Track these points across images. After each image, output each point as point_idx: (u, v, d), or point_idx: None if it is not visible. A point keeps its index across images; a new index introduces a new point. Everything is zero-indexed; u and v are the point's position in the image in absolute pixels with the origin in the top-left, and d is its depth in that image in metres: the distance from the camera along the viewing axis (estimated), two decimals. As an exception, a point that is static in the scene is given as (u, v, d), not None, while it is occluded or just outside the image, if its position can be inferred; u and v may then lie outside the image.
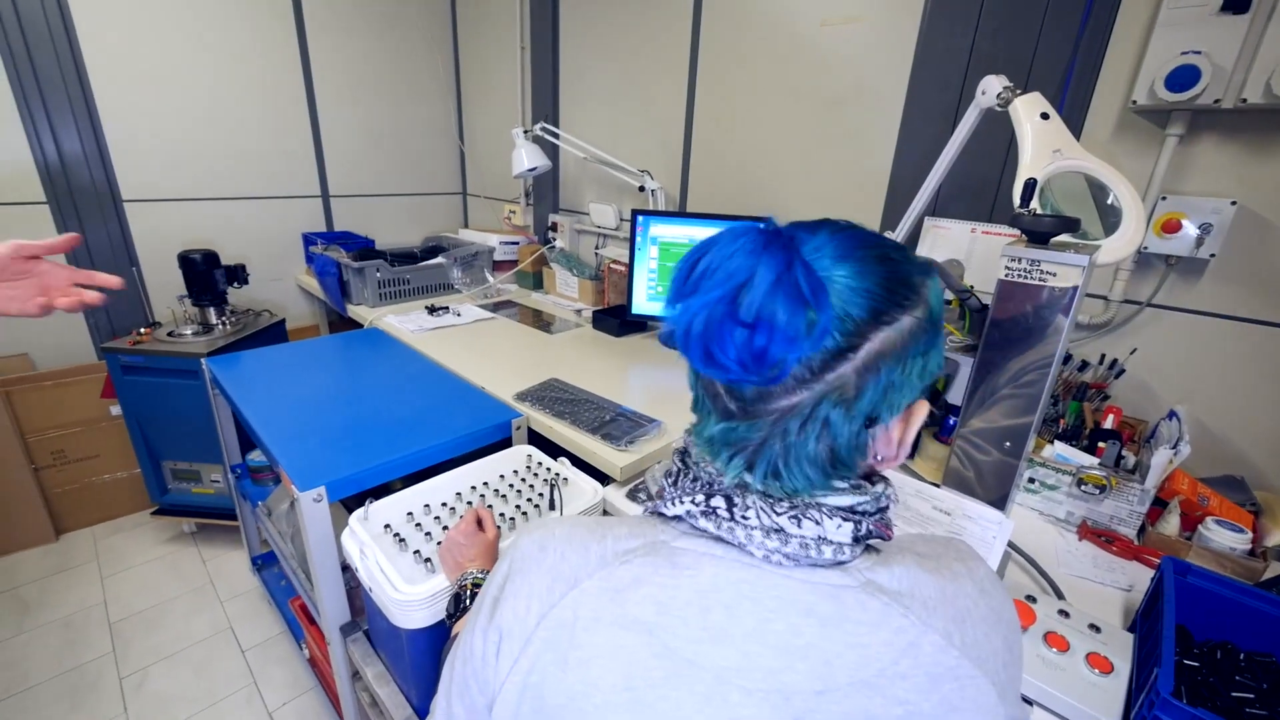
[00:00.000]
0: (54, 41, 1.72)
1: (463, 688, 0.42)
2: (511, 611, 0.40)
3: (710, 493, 0.39)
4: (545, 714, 0.37)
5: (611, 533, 0.41)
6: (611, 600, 0.37)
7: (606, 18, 1.92)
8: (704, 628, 0.36)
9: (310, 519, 0.95)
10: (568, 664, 0.37)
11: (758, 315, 0.32)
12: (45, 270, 0.74)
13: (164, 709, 1.39)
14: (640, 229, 1.63)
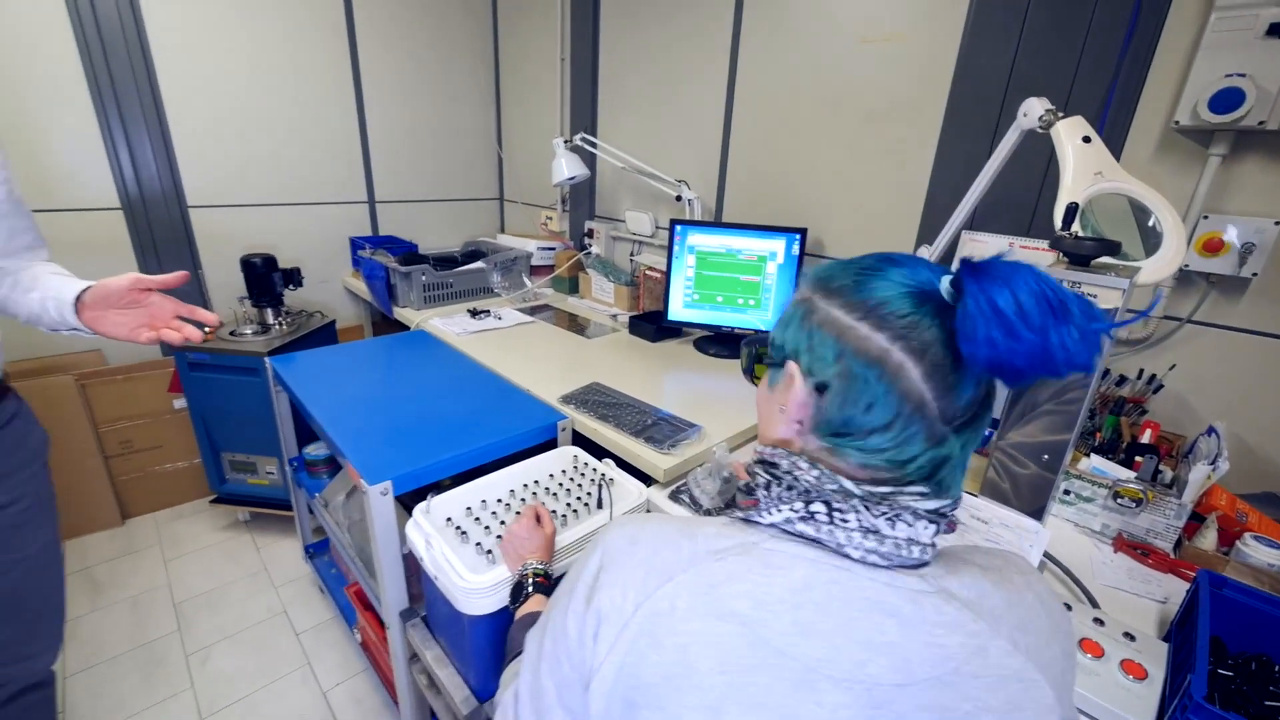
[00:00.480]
0: (130, 58, 1.84)
1: (554, 663, 0.48)
2: (609, 599, 0.44)
3: (809, 500, 0.43)
4: (641, 690, 0.41)
5: (700, 532, 0.45)
6: (707, 594, 0.41)
7: (646, 31, 1.98)
8: (795, 622, 0.40)
9: (377, 511, 1.02)
10: (664, 648, 0.41)
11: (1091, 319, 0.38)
12: (155, 302, 0.83)
13: (226, 686, 1.49)
14: (678, 238, 1.68)
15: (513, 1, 2.51)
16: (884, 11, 1.39)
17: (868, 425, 0.42)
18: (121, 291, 0.82)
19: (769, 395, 0.50)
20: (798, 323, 0.46)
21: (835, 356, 0.43)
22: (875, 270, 0.45)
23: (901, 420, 0.41)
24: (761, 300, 1.65)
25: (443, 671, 0.98)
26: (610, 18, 2.09)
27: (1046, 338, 0.37)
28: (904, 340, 0.41)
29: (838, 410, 0.43)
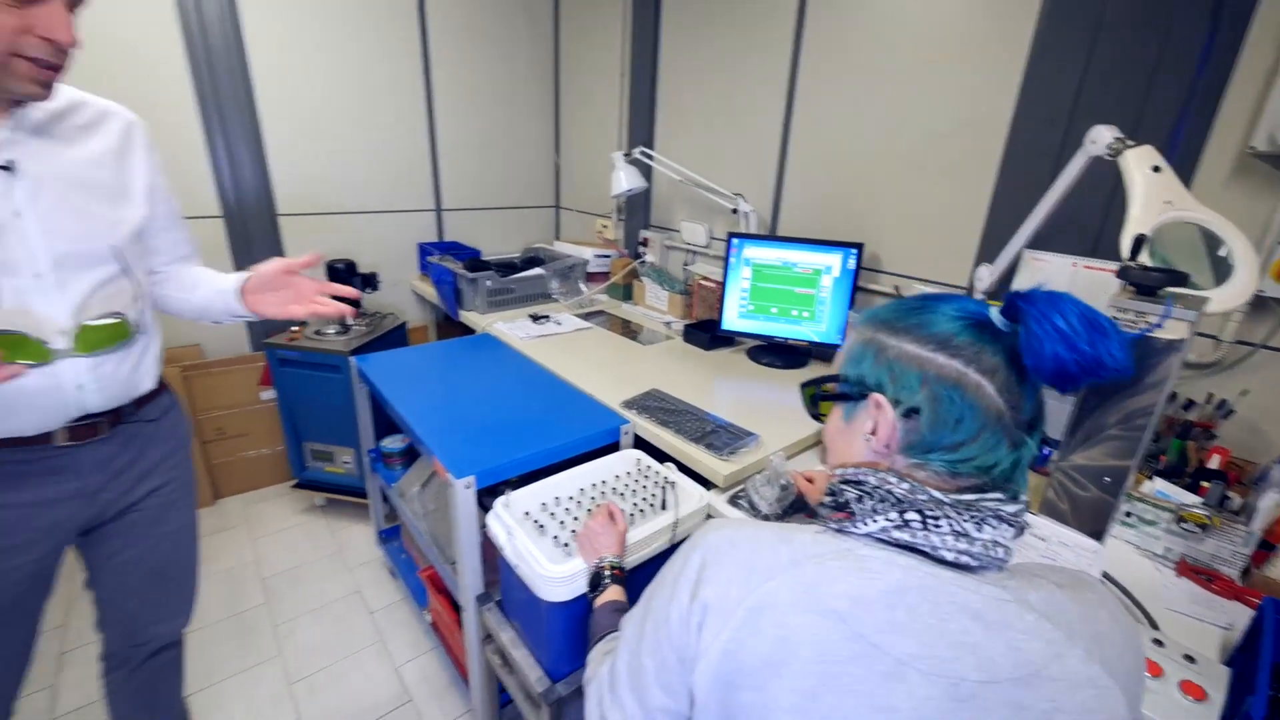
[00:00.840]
0: (233, 80, 2.02)
1: (654, 646, 0.54)
2: (714, 593, 0.50)
3: (903, 510, 0.49)
4: (741, 673, 0.47)
5: (796, 539, 0.51)
6: (807, 592, 0.47)
7: (706, 47, 2.04)
8: (889, 621, 0.45)
9: (461, 504, 1.12)
10: (765, 637, 0.47)
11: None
12: (299, 282, 0.95)
13: (309, 656, 1.63)
14: (735, 250, 1.73)
15: (575, 20, 2.62)
16: (948, 32, 1.41)
17: (957, 438, 0.49)
18: (274, 274, 0.95)
19: (845, 426, 0.57)
20: (872, 360, 0.54)
21: (920, 383, 0.50)
22: (926, 308, 0.54)
23: (988, 430, 0.49)
24: (816, 312, 1.68)
25: (517, 652, 1.07)
26: (671, 35, 2.16)
27: (1096, 349, 0.46)
28: (975, 363, 0.49)
29: (929, 429, 0.50)
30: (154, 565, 1.02)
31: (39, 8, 0.68)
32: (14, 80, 0.70)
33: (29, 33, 0.68)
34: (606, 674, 0.62)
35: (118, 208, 0.86)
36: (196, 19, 1.90)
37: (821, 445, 1.28)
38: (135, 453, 0.93)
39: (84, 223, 0.81)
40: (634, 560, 0.98)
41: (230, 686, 1.52)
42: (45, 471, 0.83)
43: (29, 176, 0.76)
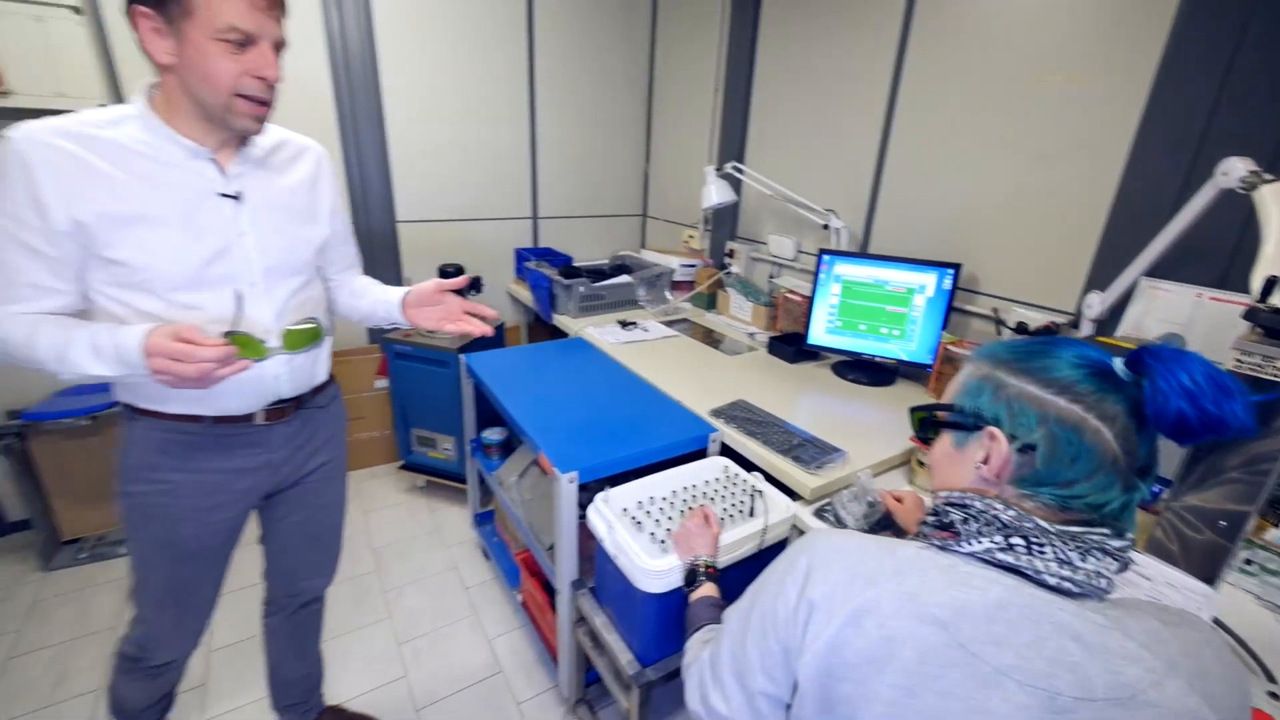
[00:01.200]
0: (368, 99, 2.26)
1: (760, 636, 0.61)
2: (821, 593, 0.56)
3: (1008, 534, 0.53)
4: (843, 666, 0.53)
5: (900, 552, 0.56)
6: (909, 600, 0.52)
7: (802, 62, 2.06)
8: (989, 633, 0.49)
9: (564, 496, 1.23)
10: (867, 636, 0.52)
11: None
12: (451, 300, 1.09)
13: (413, 621, 1.81)
14: (825, 267, 1.75)
15: (671, 37, 2.71)
16: (1067, 52, 1.37)
17: (1072, 476, 0.53)
18: (430, 292, 1.10)
19: (955, 453, 0.62)
20: (990, 396, 0.58)
21: (1038, 422, 0.54)
22: (1048, 352, 0.57)
23: (1102, 471, 0.52)
24: (906, 331, 1.68)
25: (610, 637, 1.16)
26: (767, 51, 2.20)
27: (1221, 409, 0.48)
28: (1096, 410, 0.52)
29: (1044, 464, 0.54)
30: (312, 530, 1.20)
31: (252, 51, 0.83)
32: (235, 117, 0.86)
33: (246, 74, 0.84)
34: (708, 659, 0.69)
35: (309, 227, 1.03)
36: (341, 47, 2.15)
37: (909, 465, 1.30)
38: (309, 433, 1.10)
39: (286, 240, 0.98)
40: (725, 561, 1.05)
41: (349, 641, 1.72)
42: (245, 445, 1.01)
43: (251, 203, 0.94)
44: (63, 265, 0.83)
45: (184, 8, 0.78)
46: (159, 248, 0.86)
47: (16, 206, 0.79)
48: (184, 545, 1.01)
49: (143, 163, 0.85)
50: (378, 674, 1.63)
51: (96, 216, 0.81)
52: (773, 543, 1.15)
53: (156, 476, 0.96)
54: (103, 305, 0.87)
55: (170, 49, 0.81)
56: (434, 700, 1.56)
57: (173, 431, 0.95)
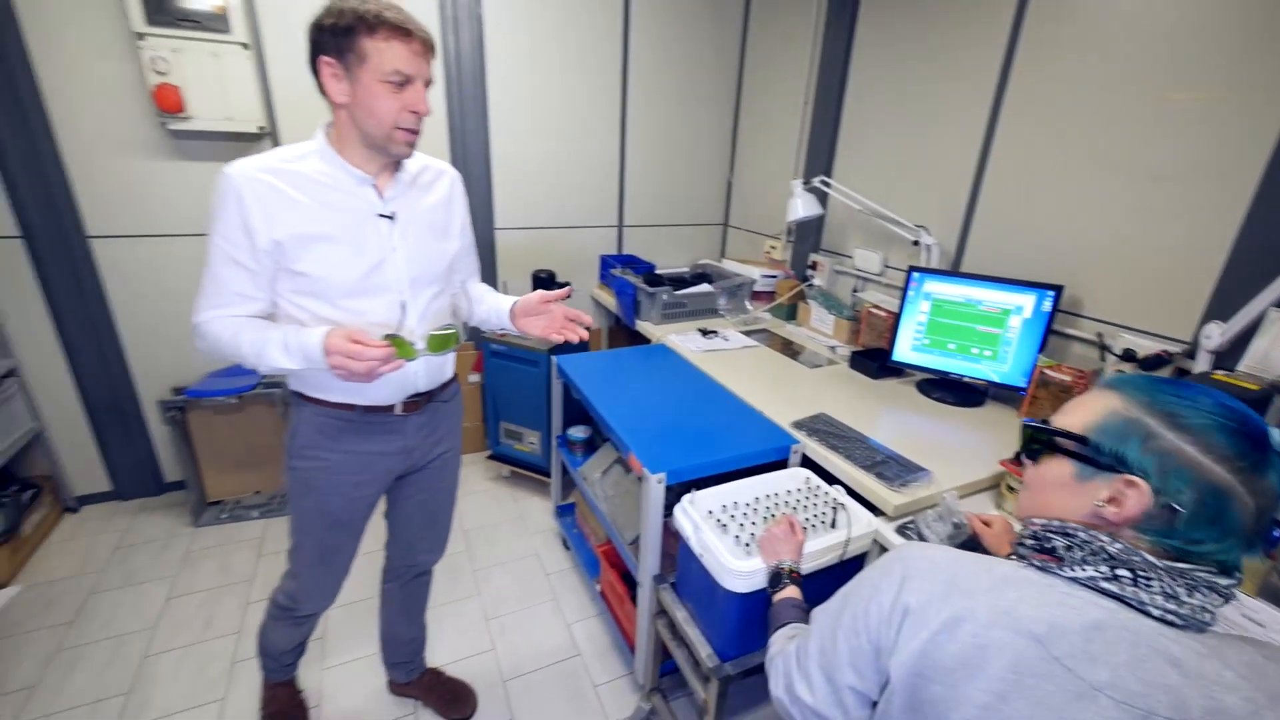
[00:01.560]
0: (477, 117, 2.45)
1: (850, 634, 0.66)
2: (915, 600, 0.60)
3: (1114, 565, 0.55)
4: (934, 669, 0.57)
5: (997, 569, 0.59)
6: (1005, 613, 0.55)
7: (897, 78, 2.05)
8: (1085, 650, 0.51)
9: (652, 496, 1.32)
10: (961, 642, 0.55)
11: None
12: (554, 310, 1.20)
13: (500, 600, 1.96)
14: (915, 284, 1.74)
15: (761, 51, 2.74)
16: (1200, 71, 1.30)
17: (1203, 536, 0.54)
18: (535, 303, 1.21)
19: (1073, 484, 0.61)
20: (1138, 444, 0.56)
21: (1189, 485, 0.53)
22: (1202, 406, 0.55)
23: (1234, 535, 0.54)
24: (999, 352, 1.64)
25: (690, 630, 1.24)
26: (861, 66, 2.20)
27: None
28: (1250, 484, 0.53)
29: (1185, 525, 0.54)
30: (431, 510, 1.35)
31: (409, 90, 0.97)
32: (393, 145, 1.01)
33: (404, 109, 0.98)
34: (794, 651, 0.75)
35: (445, 241, 1.18)
36: (456, 71, 2.35)
37: (999, 489, 1.29)
38: (435, 423, 1.25)
39: (427, 253, 1.13)
40: (807, 569, 1.09)
41: (445, 613, 1.89)
42: (386, 431, 1.17)
43: (401, 222, 1.08)
44: (261, 277, 1.01)
45: (359, 56, 0.93)
46: (333, 261, 1.02)
47: (230, 229, 0.97)
48: (334, 514, 1.18)
49: (322, 190, 1.01)
50: (469, 645, 1.78)
51: (289, 236, 0.98)
52: (854, 555, 1.19)
53: (317, 455, 1.13)
54: (285, 309, 1.05)
55: (345, 90, 0.97)
56: (518, 674, 1.69)
57: (331, 417, 1.12)
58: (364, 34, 0.92)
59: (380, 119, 0.97)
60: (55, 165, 1.95)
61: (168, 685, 1.62)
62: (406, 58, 0.95)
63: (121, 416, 2.29)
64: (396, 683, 1.60)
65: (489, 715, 1.57)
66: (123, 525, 2.26)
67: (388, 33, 0.92)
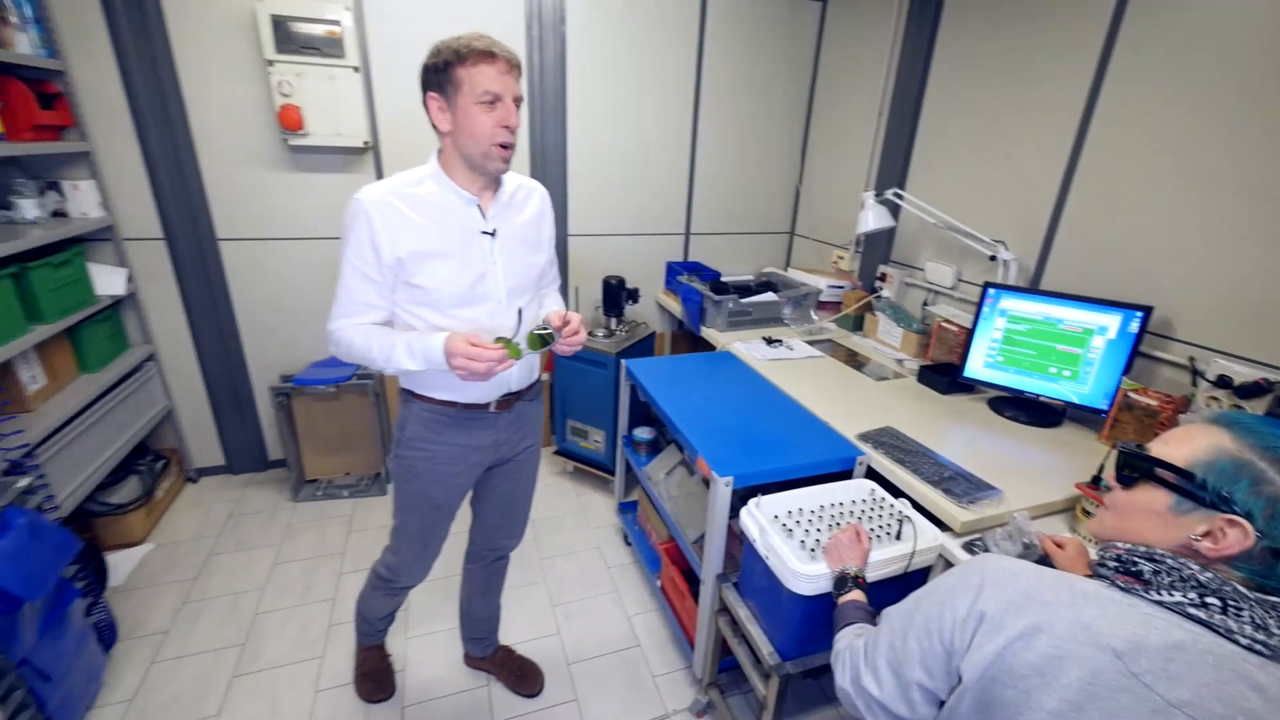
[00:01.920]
0: (556, 129, 2.59)
1: (923, 634, 0.69)
2: (992, 607, 0.63)
3: (1203, 593, 0.56)
4: (1008, 674, 0.59)
5: (1079, 586, 0.61)
6: (1085, 628, 0.57)
7: (980, 88, 2.02)
8: (1165, 669, 0.53)
9: (719, 498, 1.38)
10: (1038, 652, 0.58)
11: None
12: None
13: (565, 588, 2.07)
14: (990, 300, 1.72)
15: (836, 61, 2.75)
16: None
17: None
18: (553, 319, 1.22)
19: (1167, 515, 0.63)
20: (1247, 487, 0.58)
21: None
22: None
23: None
24: (1080, 373, 1.60)
25: (752, 628, 1.29)
26: (940, 77, 2.18)
27: None
28: None
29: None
30: (512, 499, 1.47)
31: (499, 107, 1.08)
32: (492, 162, 1.12)
33: (497, 125, 1.08)
34: (862, 647, 0.80)
35: (536, 254, 1.28)
36: (539, 85, 2.49)
37: (1074, 512, 1.27)
38: (522, 420, 1.36)
39: (522, 265, 1.24)
40: (872, 577, 1.13)
41: (514, 596, 2.01)
42: (480, 426, 1.29)
43: (500, 238, 1.20)
44: (385, 289, 1.14)
45: (455, 85, 1.06)
46: (444, 274, 1.14)
47: (361, 247, 1.11)
48: (435, 499, 1.31)
49: (436, 211, 1.14)
50: (536, 628, 1.90)
51: (409, 253, 1.11)
52: (918, 568, 1.21)
53: (423, 446, 1.26)
54: (402, 318, 1.18)
55: (449, 119, 1.09)
56: (581, 659, 1.79)
57: (435, 413, 1.25)
58: (457, 65, 1.04)
59: (478, 138, 1.08)
60: (195, 176, 2.22)
61: (275, 641, 1.82)
62: (494, 77, 1.05)
63: (236, 399, 2.56)
64: (472, 656, 1.74)
65: (554, 694, 1.68)
66: (234, 496, 2.53)
67: (476, 58, 1.04)
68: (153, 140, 2.12)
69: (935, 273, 2.19)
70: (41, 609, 1.42)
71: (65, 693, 1.47)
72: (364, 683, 1.64)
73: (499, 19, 2.35)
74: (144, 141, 2.12)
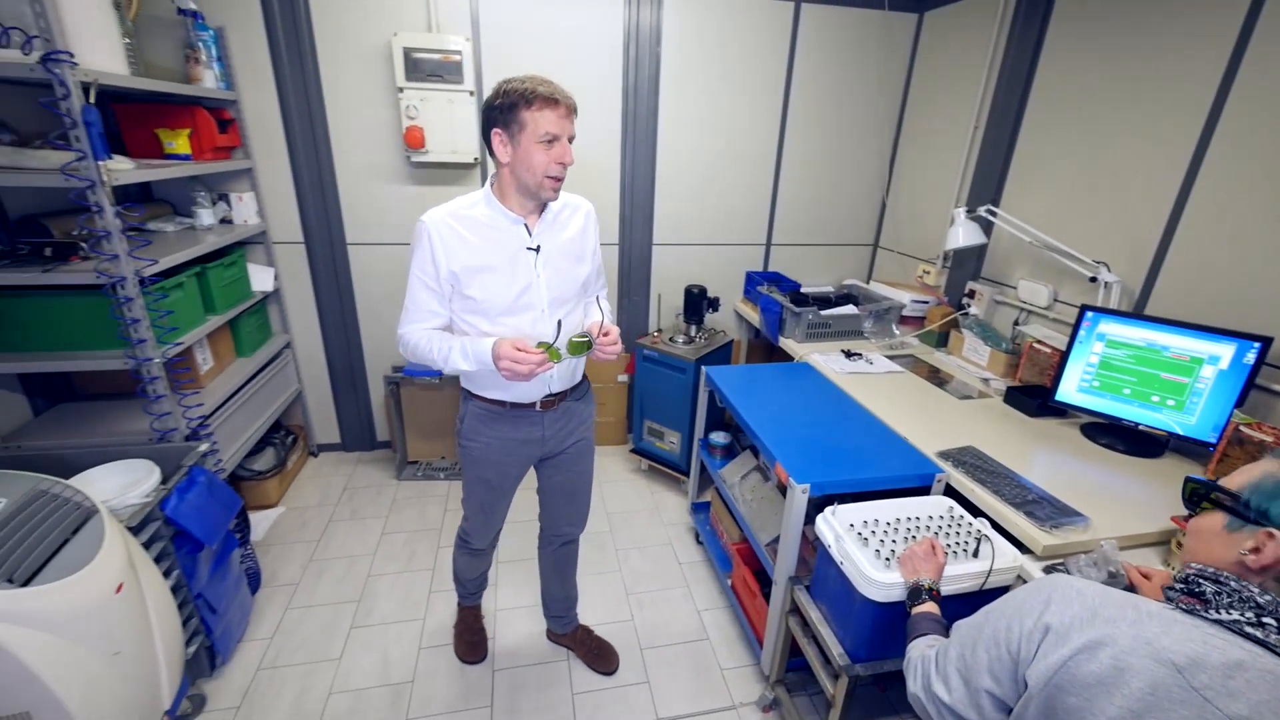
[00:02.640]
0: (647, 146, 2.72)
1: (992, 644, 0.75)
2: (1060, 621, 0.68)
3: (1261, 613, 0.61)
4: (1073, 683, 0.65)
5: (1144, 606, 0.66)
6: (1147, 644, 0.62)
7: (1088, 102, 1.95)
8: (1225, 685, 0.57)
9: (795, 504, 1.45)
10: (1101, 663, 0.63)
11: None
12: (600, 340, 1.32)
13: (639, 579, 2.20)
14: (1088, 323, 1.68)
15: (930, 73, 2.71)
16: None
17: None
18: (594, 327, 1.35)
19: (1224, 534, 0.69)
20: None
21: None
22: None
23: None
24: (1186, 403, 1.54)
25: (824, 630, 1.35)
26: (1045, 84, 2.11)
27: None
28: None
29: None
30: (569, 489, 1.63)
31: (556, 145, 1.22)
32: (544, 191, 1.26)
33: (552, 161, 1.22)
34: (934, 655, 0.86)
35: (579, 266, 1.41)
36: (633, 102, 2.63)
37: (1169, 546, 1.25)
38: (567, 419, 1.51)
39: (564, 278, 1.37)
40: (946, 591, 1.17)
41: (592, 581, 2.16)
42: (527, 423, 1.45)
43: (544, 253, 1.34)
44: (443, 299, 1.33)
45: (520, 125, 1.20)
46: (493, 286, 1.30)
47: (424, 262, 1.29)
48: (489, 481, 1.52)
49: (487, 230, 1.30)
50: (613, 612, 2.04)
51: (463, 268, 1.28)
52: (995, 587, 1.23)
53: (477, 438, 1.45)
54: (457, 324, 1.36)
55: (509, 152, 1.24)
56: (654, 645, 1.91)
57: (487, 409, 1.43)
58: (523, 107, 1.18)
59: (535, 172, 1.23)
60: (332, 188, 2.53)
61: (384, 601, 2.06)
62: (554, 121, 1.19)
63: (353, 385, 2.88)
64: (554, 633, 1.90)
65: (628, 675, 1.80)
66: (348, 471, 2.85)
67: (541, 104, 1.17)
68: (300, 157, 2.44)
69: (1029, 292, 2.13)
70: (213, 553, 1.71)
71: (225, 625, 1.76)
72: (460, 644, 1.84)
73: (600, 42, 2.52)
74: (293, 158, 2.45)
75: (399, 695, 1.71)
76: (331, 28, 2.31)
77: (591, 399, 1.61)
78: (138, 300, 1.60)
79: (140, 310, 1.61)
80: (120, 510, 1.44)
